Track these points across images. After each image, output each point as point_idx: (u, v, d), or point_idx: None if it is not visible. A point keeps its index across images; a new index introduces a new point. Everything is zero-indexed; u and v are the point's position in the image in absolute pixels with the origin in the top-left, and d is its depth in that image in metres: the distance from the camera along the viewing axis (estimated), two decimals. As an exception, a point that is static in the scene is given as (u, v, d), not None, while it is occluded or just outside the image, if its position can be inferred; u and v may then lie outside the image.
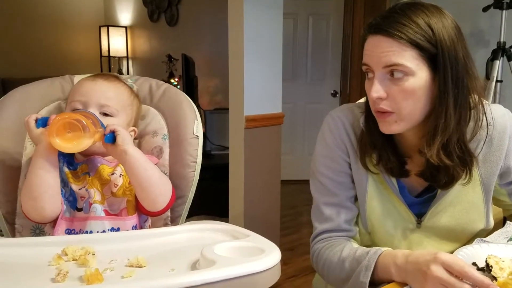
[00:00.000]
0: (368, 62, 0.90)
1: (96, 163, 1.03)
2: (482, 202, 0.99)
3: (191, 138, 1.14)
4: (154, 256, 0.83)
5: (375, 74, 0.89)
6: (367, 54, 0.90)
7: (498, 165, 0.97)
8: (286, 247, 2.95)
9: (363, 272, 0.88)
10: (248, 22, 2.37)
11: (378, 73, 0.88)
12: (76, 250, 0.82)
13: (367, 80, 0.93)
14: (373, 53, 0.89)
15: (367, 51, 0.90)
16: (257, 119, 2.49)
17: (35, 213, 0.96)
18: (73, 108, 1.02)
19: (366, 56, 0.91)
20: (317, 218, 1.05)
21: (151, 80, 1.23)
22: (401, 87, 0.87)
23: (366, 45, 0.91)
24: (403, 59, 0.85)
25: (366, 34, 0.91)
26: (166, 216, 1.13)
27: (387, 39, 0.86)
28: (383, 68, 0.87)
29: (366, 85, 0.93)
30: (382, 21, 0.88)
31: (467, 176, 0.93)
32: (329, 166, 1.03)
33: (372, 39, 0.89)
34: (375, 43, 0.88)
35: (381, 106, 0.89)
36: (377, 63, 0.88)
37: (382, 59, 0.87)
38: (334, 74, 4.43)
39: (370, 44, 0.90)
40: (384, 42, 0.86)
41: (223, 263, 0.72)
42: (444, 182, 0.93)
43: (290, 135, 4.30)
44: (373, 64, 0.89)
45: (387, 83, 0.88)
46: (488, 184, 0.98)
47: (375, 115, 0.93)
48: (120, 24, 5.71)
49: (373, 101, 0.90)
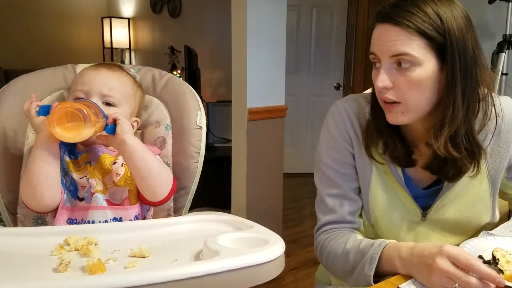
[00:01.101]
0: (375, 51, 0.89)
1: (98, 152, 1.02)
2: (488, 195, 0.98)
3: (194, 128, 1.13)
4: (157, 247, 0.82)
5: (381, 63, 0.88)
6: (375, 42, 0.89)
7: (506, 157, 0.96)
8: (289, 240, 2.95)
9: (368, 264, 0.87)
10: (251, 14, 2.35)
11: (385, 63, 0.87)
12: (78, 240, 0.82)
13: (374, 69, 0.91)
14: (380, 42, 0.87)
15: (374, 40, 0.89)
16: (260, 112, 2.48)
17: (34, 201, 0.96)
18: (76, 97, 1.01)
19: (373, 45, 0.89)
20: (321, 209, 1.04)
21: (154, 70, 1.22)
22: (407, 77, 0.86)
23: (374, 33, 0.90)
24: (410, 48, 0.84)
25: (374, 23, 0.90)
26: (169, 207, 1.12)
27: (395, 28, 0.85)
28: (390, 57, 0.86)
29: (373, 74, 0.91)
30: (391, 9, 0.86)
31: (475, 169, 0.92)
32: (333, 157, 1.02)
33: (380, 28, 0.88)
34: (382, 32, 0.87)
35: (386, 96, 0.88)
36: (384, 52, 0.87)
37: (389, 48, 0.86)
38: (337, 66, 4.41)
39: (377, 33, 0.89)
40: (392, 31, 0.85)
41: (227, 253, 0.72)
42: (452, 175, 0.92)
43: (293, 128, 4.28)
44: (380, 53, 0.88)
45: (394, 73, 0.87)
46: (496, 177, 0.97)
47: (382, 105, 0.92)
48: (122, 15, 5.68)
49: (379, 90, 0.89)
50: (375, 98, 0.94)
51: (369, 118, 0.98)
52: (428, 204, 0.99)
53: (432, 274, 0.76)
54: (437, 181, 0.99)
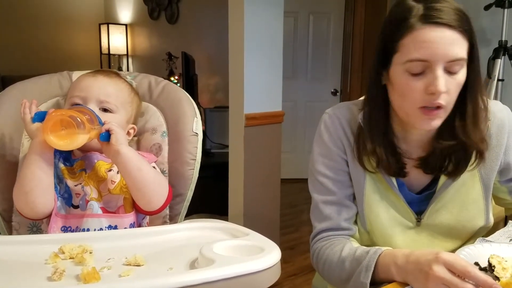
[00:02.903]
0: (428, 56, 0.83)
1: (93, 159, 1.02)
2: (481, 198, 0.99)
3: (191, 135, 1.13)
4: (152, 255, 0.82)
5: (434, 68, 0.83)
6: (427, 47, 0.83)
7: (498, 160, 0.97)
8: (286, 246, 2.94)
9: (364, 272, 0.87)
10: (249, 20, 2.35)
11: (441, 67, 0.84)
12: (73, 248, 0.81)
13: (410, 76, 0.86)
14: (436, 46, 0.82)
15: (426, 44, 0.83)
16: (257, 117, 2.48)
17: (27, 208, 0.96)
18: (72, 103, 1.01)
19: (425, 50, 0.83)
20: (316, 217, 1.04)
21: (150, 76, 1.22)
22: (457, 80, 0.85)
23: (423, 37, 0.83)
24: (463, 52, 0.84)
25: (416, 25, 0.84)
26: (164, 214, 1.12)
27: (451, 32, 0.82)
28: (447, 62, 0.83)
29: (411, 81, 0.86)
30: (439, 11, 0.83)
31: (476, 159, 0.94)
32: (327, 164, 1.02)
33: (433, 31, 0.83)
34: (438, 35, 0.82)
35: (439, 101, 0.85)
36: (442, 57, 0.83)
37: (448, 53, 0.82)
38: (334, 72, 4.42)
39: (431, 36, 0.83)
40: (449, 35, 0.82)
41: (222, 262, 0.71)
42: (452, 170, 0.94)
43: (290, 134, 4.28)
44: (436, 57, 0.83)
45: (446, 77, 0.85)
46: (488, 180, 0.98)
47: (420, 112, 0.87)
48: (120, 21, 5.69)
49: (428, 96, 0.85)
50: (374, 106, 0.94)
51: (361, 125, 0.97)
52: (422, 209, 1.00)
53: (429, 281, 0.75)
54: (430, 185, 1.00)
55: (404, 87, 0.87)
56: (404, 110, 0.90)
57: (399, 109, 0.92)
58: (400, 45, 0.86)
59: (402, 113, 0.92)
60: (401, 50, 0.86)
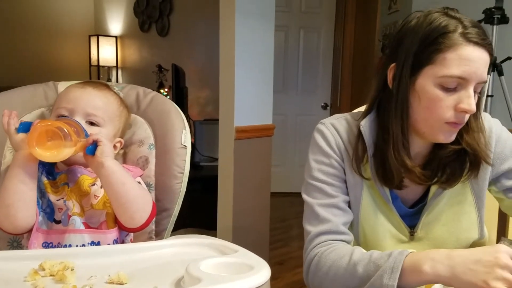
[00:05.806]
0: (467, 75, 0.85)
1: (77, 173, 0.99)
2: (474, 209, 0.99)
3: (179, 148, 1.11)
4: (136, 272, 0.79)
5: (469, 87, 0.86)
6: (470, 65, 0.85)
7: (487, 169, 0.98)
8: (275, 261, 2.90)
9: (387, 274, 0.80)
10: (240, 34, 2.36)
11: (473, 86, 0.87)
12: (54, 265, 0.78)
13: (443, 90, 0.87)
14: (476, 66, 0.85)
15: (469, 62, 0.85)
16: (248, 130, 2.47)
17: (7, 222, 0.92)
18: (58, 114, 0.99)
19: (467, 68, 0.85)
20: (312, 221, 0.98)
21: (138, 88, 1.20)
22: (476, 100, 0.89)
23: (467, 55, 0.85)
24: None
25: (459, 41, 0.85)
26: (150, 230, 1.08)
27: (486, 55, 0.86)
28: (477, 83, 0.87)
29: (443, 96, 0.87)
30: (480, 32, 0.86)
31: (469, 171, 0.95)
32: (324, 171, 0.99)
33: (477, 51, 0.85)
34: (479, 55, 0.85)
35: (463, 119, 0.89)
36: (478, 77, 0.86)
37: (483, 74, 0.86)
38: (325, 86, 4.45)
39: (475, 55, 0.85)
40: (485, 57, 0.86)
41: (209, 280, 0.69)
42: (445, 180, 0.95)
43: (281, 147, 4.27)
44: (473, 76, 0.85)
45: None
46: (480, 191, 0.99)
47: (446, 126, 0.89)
48: (110, 33, 5.68)
49: (459, 113, 0.88)
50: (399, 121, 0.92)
51: (361, 131, 0.96)
52: (415, 222, 0.99)
53: (495, 270, 0.73)
54: (423, 198, 0.99)
55: (434, 100, 0.88)
56: (430, 122, 0.90)
57: (424, 121, 0.91)
58: (437, 58, 0.86)
59: (426, 125, 0.91)
60: (440, 63, 0.86)
